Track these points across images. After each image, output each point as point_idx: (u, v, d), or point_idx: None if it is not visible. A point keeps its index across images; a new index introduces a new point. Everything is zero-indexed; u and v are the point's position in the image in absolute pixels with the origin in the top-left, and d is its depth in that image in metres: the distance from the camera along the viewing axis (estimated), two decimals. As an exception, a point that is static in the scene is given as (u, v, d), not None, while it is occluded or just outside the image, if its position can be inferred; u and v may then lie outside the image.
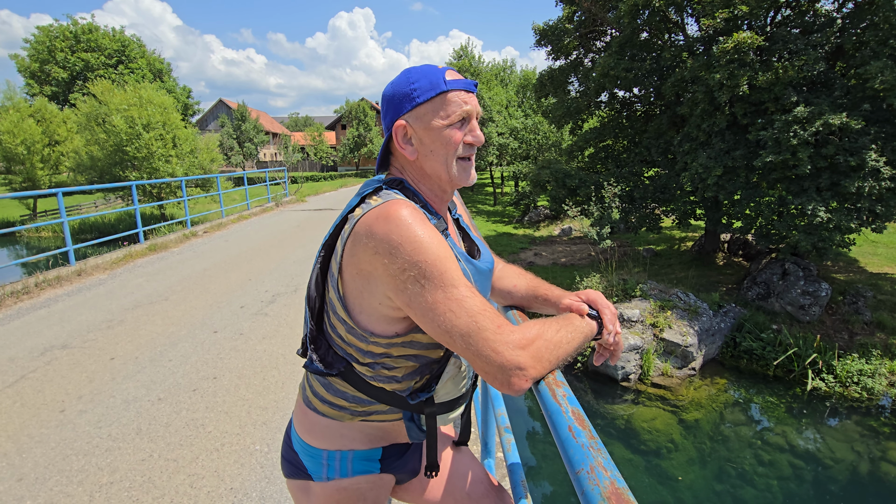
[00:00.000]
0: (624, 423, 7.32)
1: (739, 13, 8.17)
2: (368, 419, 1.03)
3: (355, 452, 1.03)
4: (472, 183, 1.01)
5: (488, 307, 0.86)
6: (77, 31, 35.62)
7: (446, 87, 0.94)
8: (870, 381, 7.64)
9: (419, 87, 0.95)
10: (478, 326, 0.82)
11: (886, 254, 11.76)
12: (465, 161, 0.99)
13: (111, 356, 3.90)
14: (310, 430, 1.05)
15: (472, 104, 0.96)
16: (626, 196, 10.98)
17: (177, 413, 3.05)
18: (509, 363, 0.81)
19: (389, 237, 0.84)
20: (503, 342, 0.82)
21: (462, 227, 1.14)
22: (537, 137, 21.54)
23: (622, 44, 10.35)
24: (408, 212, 0.86)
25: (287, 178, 18.13)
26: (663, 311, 8.61)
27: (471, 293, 0.85)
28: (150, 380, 3.49)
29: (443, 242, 0.86)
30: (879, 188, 7.51)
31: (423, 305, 0.84)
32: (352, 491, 1.04)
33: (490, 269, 1.06)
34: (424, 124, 0.95)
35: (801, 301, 8.91)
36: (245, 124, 40.96)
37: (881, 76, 7.16)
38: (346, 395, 1.01)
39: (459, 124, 0.96)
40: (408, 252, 0.83)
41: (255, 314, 4.88)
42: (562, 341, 0.88)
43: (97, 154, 18.25)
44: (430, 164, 0.98)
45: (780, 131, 7.83)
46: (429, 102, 0.95)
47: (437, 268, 0.83)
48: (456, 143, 0.96)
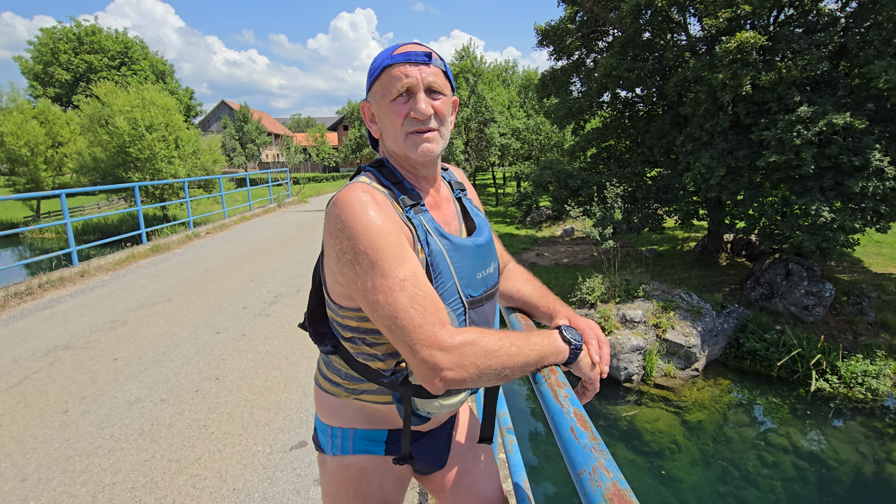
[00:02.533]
0: (626, 424, 7.30)
1: (742, 13, 8.15)
2: (361, 398, 1.04)
3: (356, 431, 1.06)
4: (428, 158, 0.97)
5: (420, 300, 0.84)
6: (80, 33, 35.76)
7: (389, 62, 0.94)
8: (874, 382, 7.60)
9: (373, 67, 0.98)
10: (398, 321, 0.84)
11: (891, 254, 11.71)
12: (415, 135, 0.96)
13: (114, 357, 3.91)
14: (319, 406, 1.11)
15: (413, 76, 0.94)
16: (628, 196, 10.96)
17: (179, 414, 3.05)
18: (424, 362, 0.82)
19: (336, 220, 0.88)
20: (422, 339, 0.82)
21: (465, 206, 1.12)
22: (539, 138, 21.52)
23: (624, 44, 10.33)
24: (357, 196, 0.88)
25: (289, 179, 18.16)
26: (666, 311, 8.59)
27: (402, 285, 0.84)
28: (153, 381, 3.49)
29: (388, 230, 0.87)
30: (883, 188, 7.47)
31: (358, 289, 0.87)
32: (355, 469, 1.06)
33: (479, 244, 1.02)
34: (377, 102, 0.98)
35: (805, 301, 8.87)
36: (247, 125, 41.06)
37: (885, 75, 7.12)
38: (340, 372, 1.05)
39: (405, 98, 0.94)
40: (347, 236, 0.86)
41: (258, 315, 4.89)
42: (500, 351, 0.85)
43: (100, 155, 18.32)
44: (387, 140, 1.00)
45: (783, 131, 7.81)
46: (378, 81, 0.96)
47: (370, 255, 0.85)
48: (401, 118, 0.94)
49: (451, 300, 0.94)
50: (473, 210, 1.12)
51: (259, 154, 42.60)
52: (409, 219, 0.94)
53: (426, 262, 0.93)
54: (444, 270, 0.94)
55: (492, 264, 1.06)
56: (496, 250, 1.11)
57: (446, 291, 0.93)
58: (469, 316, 0.98)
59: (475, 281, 0.99)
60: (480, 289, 1.01)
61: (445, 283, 0.93)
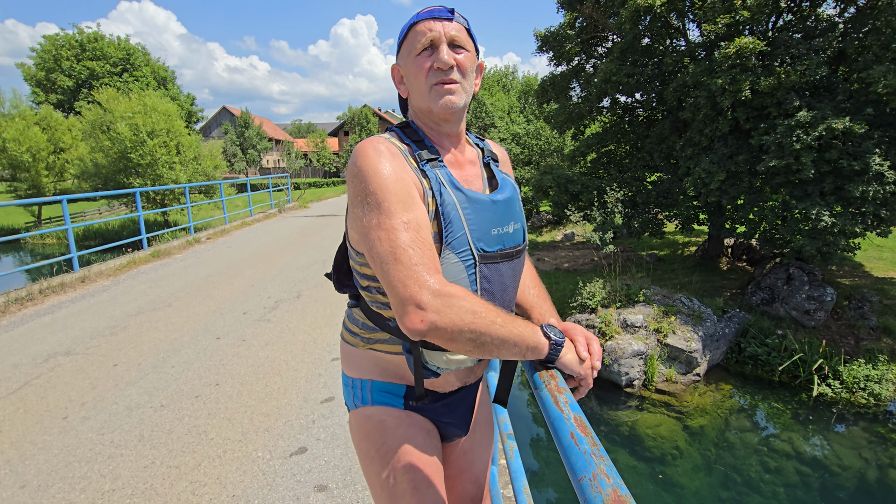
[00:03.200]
0: (628, 430, 7.27)
1: (741, 18, 8.19)
2: (375, 347, 1.09)
3: (374, 382, 1.09)
4: (451, 110, 1.01)
5: (419, 244, 0.87)
6: (83, 40, 35.99)
7: (415, 19, 1.00)
8: (877, 387, 7.57)
9: (401, 31, 1.03)
10: (395, 257, 0.86)
11: (892, 258, 11.69)
12: (439, 86, 1.00)
13: (114, 363, 3.91)
14: (343, 359, 1.17)
15: (437, 30, 0.98)
16: (628, 201, 10.97)
17: (179, 420, 3.04)
18: (410, 298, 0.83)
19: (352, 165, 0.94)
20: (413, 278, 0.84)
21: (492, 171, 1.14)
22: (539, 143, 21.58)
23: (624, 49, 10.38)
24: (372, 145, 0.95)
25: (290, 185, 18.20)
26: (667, 316, 8.57)
27: (405, 226, 0.88)
28: (153, 386, 3.49)
29: (397, 177, 0.92)
30: (884, 192, 7.47)
31: (361, 227, 0.92)
32: (375, 421, 1.07)
33: (496, 200, 1.04)
34: (404, 61, 1.03)
35: (806, 306, 8.85)
36: (248, 131, 41.21)
37: (884, 80, 7.15)
38: (358, 322, 1.11)
39: (428, 52, 0.99)
40: (360, 179, 0.92)
41: (258, 320, 4.89)
42: (485, 316, 0.84)
43: (102, 161, 18.39)
44: (414, 98, 1.05)
45: (782, 136, 7.82)
46: (405, 41, 1.02)
47: (377, 196, 0.90)
48: (425, 70, 0.99)
49: (461, 250, 0.96)
50: (501, 175, 1.13)
51: (260, 159, 42.73)
52: (425, 172, 0.97)
53: (437, 212, 0.96)
54: (454, 220, 0.96)
55: (511, 224, 1.06)
56: (521, 214, 1.12)
57: (456, 241, 0.95)
58: (480, 270, 0.98)
59: (489, 236, 1.00)
60: (495, 245, 1.01)
61: (456, 233, 0.96)
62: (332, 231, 11.01)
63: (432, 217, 0.96)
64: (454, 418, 1.15)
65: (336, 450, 2.73)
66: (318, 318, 4.98)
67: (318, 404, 3.23)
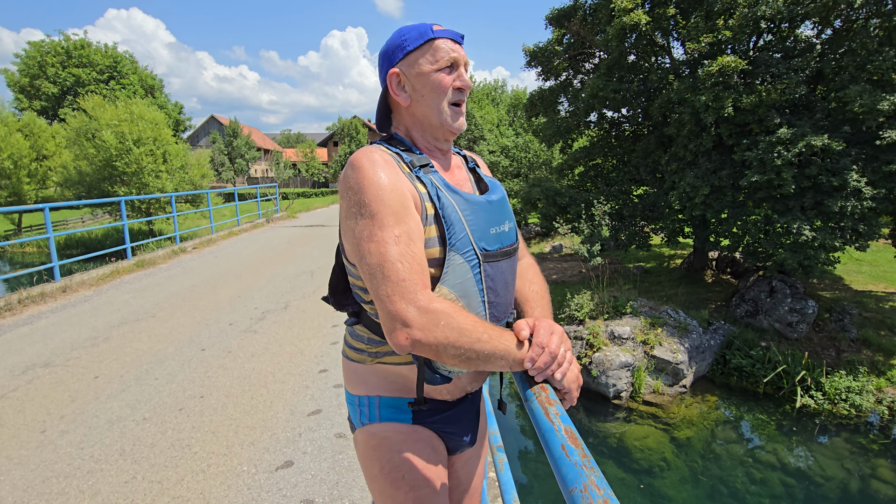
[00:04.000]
0: (616, 442, 7.28)
1: (723, 38, 8.42)
2: (383, 361, 1.08)
3: (381, 398, 1.08)
4: (461, 130, 1.06)
5: (409, 258, 0.89)
6: (69, 47, 35.65)
7: (434, 35, 1.02)
8: (858, 398, 7.69)
9: (409, 37, 1.02)
10: (384, 271, 0.88)
11: (870, 271, 11.98)
12: (457, 107, 1.05)
13: (95, 375, 3.82)
14: (346, 377, 1.15)
15: (459, 52, 1.03)
16: (615, 214, 11.11)
17: (162, 433, 2.98)
18: (396, 314, 0.86)
19: (346, 177, 0.95)
20: (401, 292, 0.86)
21: (478, 175, 1.18)
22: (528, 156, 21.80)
23: (610, 66, 10.59)
24: (367, 156, 0.96)
25: (278, 194, 18.11)
26: (654, 328, 8.65)
27: (396, 239, 0.90)
28: (135, 399, 3.41)
29: (392, 187, 0.93)
30: (861, 208, 7.68)
31: (354, 238, 0.94)
32: (382, 437, 1.07)
33: (492, 201, 1.07)
34: (416, 70, 1.02)
35: (789, 318, 9.00)
36: (237, 140, 40.99)
37: (860, 100, 7.39)
38: (363, 338, 1.10)
39: (448, 70, 1.02)
40: (354, 190, 0.93)
41: (244, 331, 4.83)
42: (471, 333, 0.86)
43: (86, 169, 18.10)
44: (422, 109, 1.04)
45: (764, 152, 8.02)
46: (418, 49, 1.02)
47: (372, 207, 0.91)
48: (446, 87, 1.02)
49: (465, 251, 0.98)
50: (487, 178, 1.18)
51: (248, 169, 42.47)
52: (419, 178, 0.99)
53: (437, 216, 0.98)
54: (455, 222, 0.98)
55: (506, 223, 1.10)
56: (512, 214, 1.15)
57: (459, 242, 0.97)
58: (484, 269, 1.01)
59: (488, 235, 1.03)
60: (495, 244, 1.04)
61: (458, 235, 0.98)
62: (321, 241, 10.95)
63: (432, 221, 0.98)
64: (461, 428, 1.15)
65: (323, 463, 2.70)
66: (305, 329, 4.93)
67: (305, 417, 3.19)
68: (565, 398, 0.96)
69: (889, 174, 7.72)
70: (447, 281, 0.97)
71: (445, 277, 0.97)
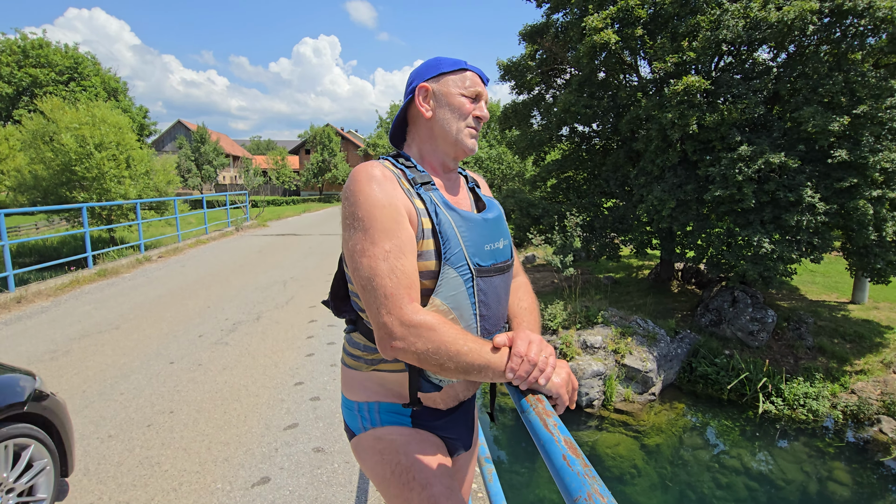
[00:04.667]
0: (588, 451, 7.38)
1: (687, 59, 8.82)
2: (378, 368, 1.12)
3: (381, 404, 1.12)
4: (473, 152, 1.16)
5: (398, 273, 0.95)
6: (26, 46, 34.11)
7: (467, 67, 1.13)
8: (814, 404, 8.06)
9: (445, 62, 1.13)
10: (373, 284, 0.95)
11: (824, 282, 12.63)
12: (473, 130, 1.14)
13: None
14: (344, 384, 1.19)
15: (483, 90, 1.15)
16: (586, 226, 11.37)
17: (129, 451, 2.85)
18: (383, 325, 0.94)
19: (346, 189, 1.02)
20: (388, 306, 0.93)
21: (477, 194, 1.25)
22: (501, 167, 22.11)
23: (581, 82, 10.91)
24: (366, 170, 1.02)
25: (248, 202, 17.72)
26: (624, 337, 8.85)
27: (385, 255, 0.95)
28: (99, 415, 3.26)
29: (386, 203, 0.98)
30: (816, 222, 8.12)
31: (348, 249, 1.00)
32: (387, 441, 1.10)
33: (487, 219, 1.13)
34: (445, 89, 1.11)
35: (750, 327, 9.38)
36: (204, 146, 39.97)
37: (812, 120, 7.85)
38: (360, 345, 1.14)
39: (472, 99, 1.13)
40: (350, 203, 0.99)
41: (215, 343, 4.69)
42: (453, 344, 0.92)
43: (42, 173, 17.25)
44: (441, 125, 1.12)
45: (726, 168, 8.39)
46: (452, 73, 1.12)
47: (365, 222, 0.97)
48: (467, 112, 1.12)
49: (459, 265, 1.03)
50: (486, 198, 1.24)
51: (216, 176, 41.42)
52: (419, 194, 1.05)
53: (434, 231, 1.03)
54: (451, 238, 1.03)
55: (501, 240, 1.15)
56: (508, 232, 1.22)
57: (454, 257, 1.02)
58: (477, 283, 1.05)
59: (483, 251, 1.08)
60: (489, 260, 1.09)
61: (453, 250, 1.02)
62: (293, 251, 10.76)
63: (429, 235, 1.02)
64: (457, 433, 1.19)
65: (301, 479, 2.64)
66: (279, 340, 4.83)
67: (281, 431, 3.12)
68: (557, 403, 0.99)
69: (840, 191, 8.21)
70: (440, 293, 1.02)
71: (439, 289, 1.02)
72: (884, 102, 7.83)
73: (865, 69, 8.24)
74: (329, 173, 43.71)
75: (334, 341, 4.86)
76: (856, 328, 9.67)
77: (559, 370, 1.00)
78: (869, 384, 8.32)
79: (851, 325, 9.80)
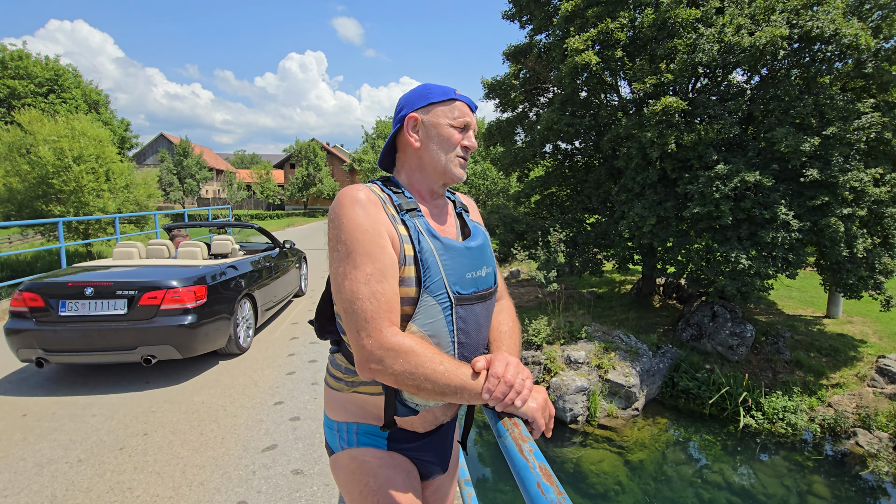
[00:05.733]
0: (573, 467, 7.35)
1: (665, 80, 9.09)
2: (358, 390, 1.13)
3: (360, 425, 1.14)
4: (461, 180, 1.17)
5: (378, 296, 0.97)
6: (4, 58, 33.55)
7: (455, 97, 1.14)
8: (793, 417, 8.18)
9: (434, 92, 1.14)
10: (354, 308, 0.97)
11: (800, 297, 12.93)
12: (462, 160, 1.15)
13: (23, 412, 3.50)
14: (326, 403, 1.21)
15: (471, 119, 1.16)
16: (570, 241, 11.50)
17: (100, 476, 2.76)
18: (361, 348, 0.96)
19: (331, 212, 1.03)
20: (367, 329, 0.95)
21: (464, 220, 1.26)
22: (486, 183, 22.31)
23: (563, 101, 11.15)
24: (351, 193, 1.03)
25: (231, 216, 17.51)
26: (607, 352, 8.91)
27: (367, 279, 0.97)
28: (69, 438, 3.15)
29: (368, 227, 1.00)
30: (790, 239, 8.35)
31: (331, 272, 1.02)
32: (361, 461, 1.12)
33: (470, 247, 1.14)
34: (434, 119, 1.12)
35: (730, 342, 9.53)
36: (187, 160, 39.52)
37: (785, 141, 8.12)
38: (341, 367, 1.15)
39: (460, 129, 1.14)
40: (335, 225, 1.01)
41: (193, 362, 4.58)
42: (428, 366, 0.95)
43: (17, 186, 16.84)
44: (430, 154, 1.13)
45: (704, 186, 8.61)
46: (441, 104, 1.13)
47: (347, 245, 0.99)
48: (456, 142, 1.13)
49: (438, 293, 1.04)
50: (472, 223, 1.25)
51: (199, 189, 40.91)
52: (404, 221, 1.06)
53: (416, 258, 1.03)
54: (432, 266, 1.04)
55: (484, 268, 1.16)
56: (492, 258, 1.22)
57: (433, 285, 1.03)
58: (456, 311, 1.06)
59: (464, 279, 1.09)
60: (470, 288, 1.10)
61: (433, 278, 1.03)
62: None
63: (411, 262, 1.03)
64: (433, 456, 1.20)
65: (279, 503, 2.58)
66: (259, 359, 4.75)
67: (259, 453, 3.05)
68: (533, 428, 0.99)
69: (812, 208, 8.47)
70: (418, 320, 1.03)
71: (417, 316, 1.03)
72: (851, 124, 8.15)
73: (834, 92, 8.60)
74: (314, 188, 43.54)
75: (316, 359, 4.79)
76: (831, 342, 9.90)
77: (536, 395, 1.02)
78: (845, 397, 8.49)
79: (827, 339, 10.03)
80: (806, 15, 8.32)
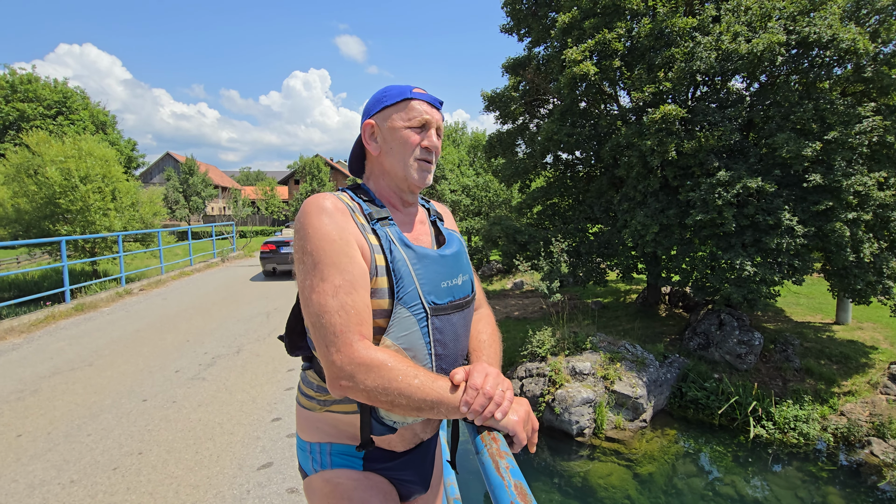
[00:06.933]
0: (580, 481, 7.20)
1: (664, 88, 9.10)
2: (331, 409, 1.08)
3: (333, 445, 1.09)
4: (426, 185, 1.11)
5: (347, 309, 0.92)
6: (14, 81, 34.28)
7: (411, 96, 1.08)
8: (805, 427, 8.00)
9: (389, 94, 1.09)
10: (322, 321, 0.92)
11: (807, 304, 12.75)
12: (424, 163, 1.09)
13: (18, 433, 3.47)
14: (298, 424, 1.15)
15: (432, 116, 1.09)
16: (572, 251, 11.44)
17: (91, 497, 2.71)
18: (331, 363, 0.91)
19: (297, 222, 0.99)
20: (337, 344, 0.91)
21: (438, 228, 1.21)
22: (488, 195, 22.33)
23: (563, 112, 11.18)
24: (317, 202, 0.99)
25: (234, 233, 17.61)
26: (613, 363, 8.78)
27: (335, 291, 0.92)
28: (63, 459, 3.11)
29: (335, 237, 0.95)
30: (795, 244, 8.25)
31: (300, 284, 0.97)
32: (335, 484, 1.06)
33: (445, 255, 1.09)
34: (388, 124, 1.08)
35: (738, 350, 9.38)
36: (193, 178, 39.96)
37: (786, 146, 8.07)
38: (313, 385, 1.11)
39: (419, 129, 1.08)
40: (300, 236, 0.97)
41: (192, 379, 4.55)
42: (402, 380, 0.90)
43: (25, 206, 17.06)
44: (389, 160, 1.09)
45: (706, 193, 8.56)
46: (394, 106, 1.08)
47: (314, 256, 0.94)
48: (413, 144, 1.07)
49: (412, 304, 0.99)
50: (447, 231, 1.20)
51: (204, 207, 41.29)
52: (374, 230, 1.02)
53: (388, 268, 0.99)
54: (405, 276, 0.99)
55: (460, 276, 1.11)
56: (469, 266, 1.17)
57: (407, 296, 0.99)
58: (432, 322, 1.02)
59: (439, 289, 1.04)
60: (445, 297, 1.05)
61: (406, 288, 0.99)
62: (279, 280, 10.65)
63: (383, 272, 0.99)
64: (413, 475, 1.15)
65: (272, 523, 2.52)
66: (258, 374, 4.71)
67: (255, 471, 3.00)
68: (515, 442, 0.95)
69: (816, 214, 8.38)
70: (392, 333, 0.98)
71: (391, 329, 0.98)
72: (853, 128, 8.10)
73: (834, 97, 8.56)
74: (318, 203, 43.79)
75: (315, 374, 4.74)
76: (841, 349, 9.71)
77: (518, 407, 0.97)
78: (857, 405, 8.30)
79: (837, 346, 9.85)
80: (803, 21, 8.32)
